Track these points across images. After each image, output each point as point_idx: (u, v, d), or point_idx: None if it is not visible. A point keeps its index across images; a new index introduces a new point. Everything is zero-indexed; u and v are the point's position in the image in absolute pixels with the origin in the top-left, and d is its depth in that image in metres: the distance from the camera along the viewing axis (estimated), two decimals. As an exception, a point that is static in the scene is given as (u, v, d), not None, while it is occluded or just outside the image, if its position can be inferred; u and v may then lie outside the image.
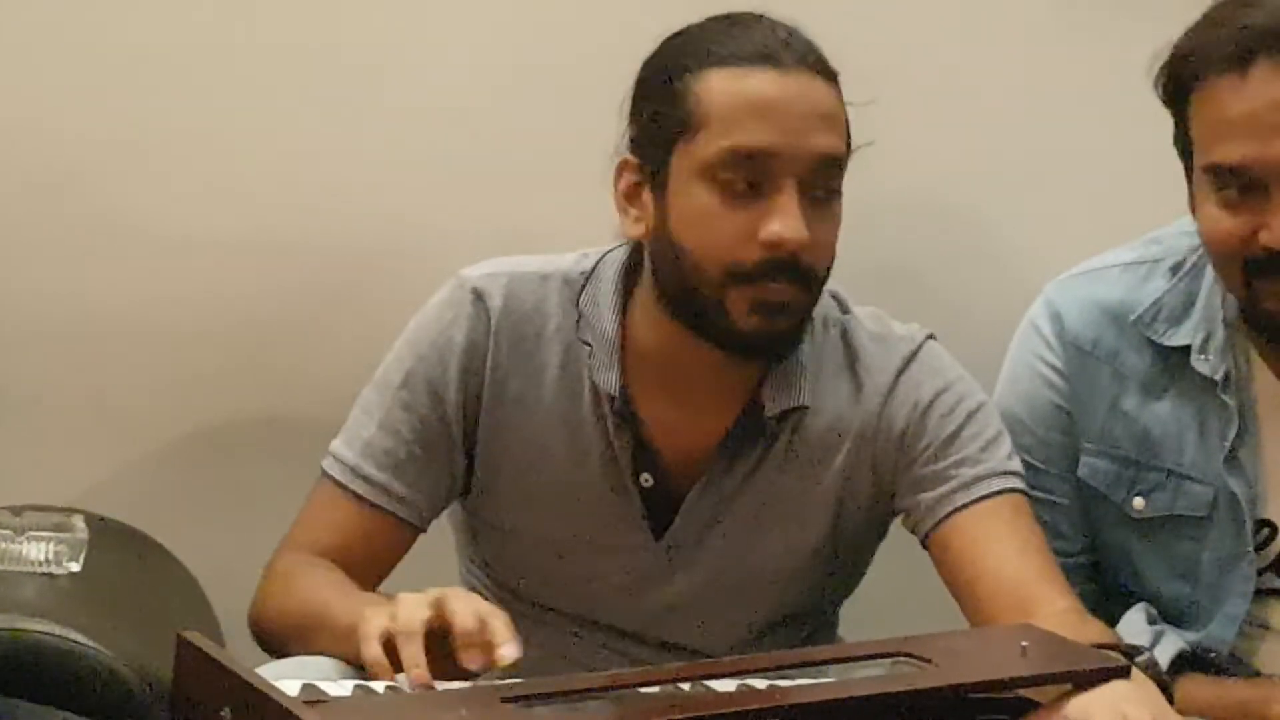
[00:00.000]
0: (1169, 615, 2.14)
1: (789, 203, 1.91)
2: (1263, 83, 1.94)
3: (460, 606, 1.73)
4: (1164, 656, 2.03)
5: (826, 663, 1.73)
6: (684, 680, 1.65)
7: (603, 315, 2.03)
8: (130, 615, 2.06)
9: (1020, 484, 2.04)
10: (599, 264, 2.07)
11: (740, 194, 1.92)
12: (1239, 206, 1.97)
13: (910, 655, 1.67)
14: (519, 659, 1.72)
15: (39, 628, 1.93)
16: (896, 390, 2.05)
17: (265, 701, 1.48)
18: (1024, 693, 1.66)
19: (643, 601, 2.08)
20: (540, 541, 2.08)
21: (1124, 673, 1.67)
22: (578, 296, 2.06)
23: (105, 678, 1.90)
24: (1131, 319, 2.14)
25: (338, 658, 1.83)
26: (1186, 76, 2.00)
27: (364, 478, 2.04)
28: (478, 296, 2.05)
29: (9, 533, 2.11)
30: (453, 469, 2.06)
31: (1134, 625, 2.12)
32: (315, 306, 2.49)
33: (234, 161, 2.45)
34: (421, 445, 2.04)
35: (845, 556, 2.12)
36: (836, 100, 1.97)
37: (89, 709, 1.88)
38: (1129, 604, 2.16)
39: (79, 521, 2.17)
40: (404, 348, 2.07)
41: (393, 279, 2.38)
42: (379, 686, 1.68)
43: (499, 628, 1.72)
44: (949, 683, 1.63)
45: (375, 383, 2.08)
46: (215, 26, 2.43)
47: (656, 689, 1.63)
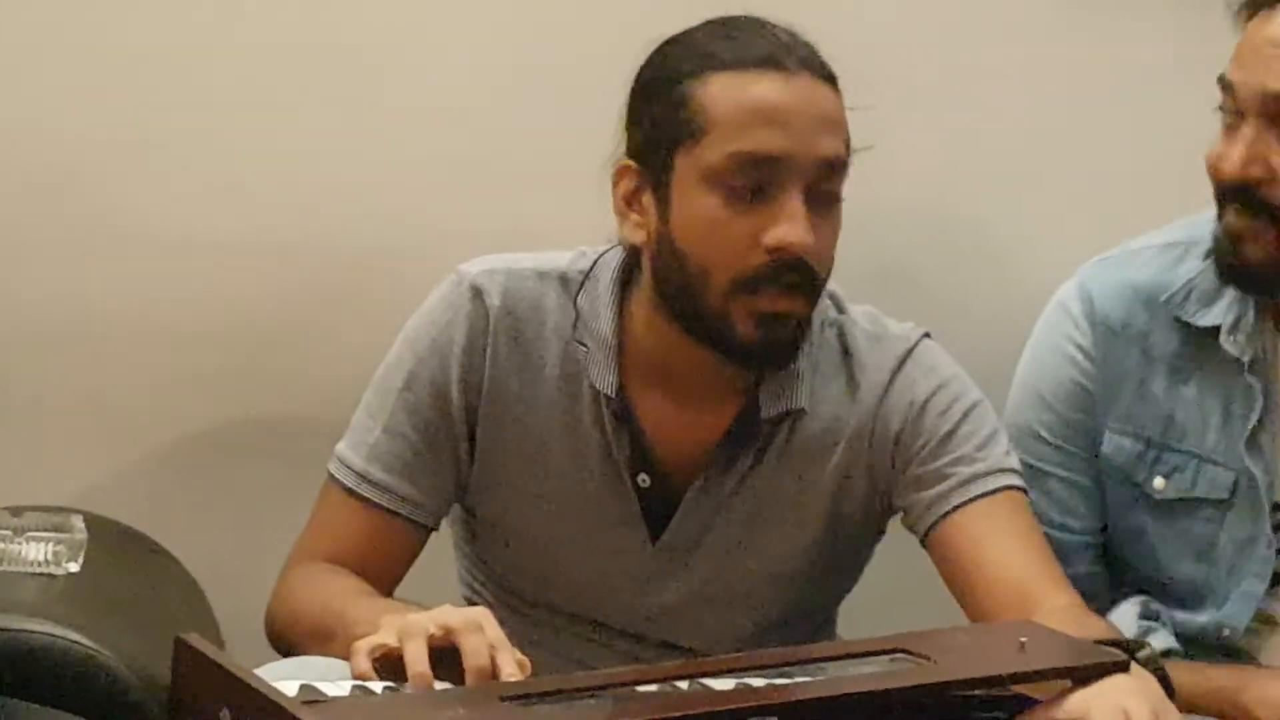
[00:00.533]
0: (1182, 597, 2.15)
1: (795, 208, 1.91)
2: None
3: (473, 642, 1.71)
4: None
5: (824, 660, 1.73)
6: (681, 679, 1.65)
7: (600, 316, 2.03)
8: (129, 616, 2.06)
9: (1018, 481, 2.03)
10: (596, 264, 2.07)
11: (745, 199, 1.92)
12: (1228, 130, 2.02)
13: (908, 652, 1.67)
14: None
15: (38, 628, 1.93)
16: (892, 389, 2.05)
17: (264, 702, 1.48)
18: (1023, 689, 1.65)
19: (640, 602, 2.08)
20: (537, 540, 2.08)
21: (1124, 668, 1.67)
22: (575, 296, 2.05)
23: (104, 678, 1.91)
24: (1163, 299, 2.15)
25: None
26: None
27: (372, 482, 2.03)
28: (476, 293, 2.05)
29: (8, 533, 2.11)
30: (458, 466, 2.06)
31: (1126, 617, 2.12)
32: (315, 307, 2.48)
33: (234, 162, 2.45)
34: (427, 445, 2.04)
35: (843, 556, 2.11)
36: (838, 104, 1.97)
37: (88, 709, 1.88)
38: (1138, 587, 2.17)
39: (78, 522, 2.17)
40: (404, 348, 2.07)
41: (393, 279, 2.38)
42: (377, 687, 1.68)
43: (506, 663, 1.71)
44: (947, 679, 1.63)
45: (377, 384, 2.08)
46: (215, 27, 2.42)
47: (654, 687, 1.63)
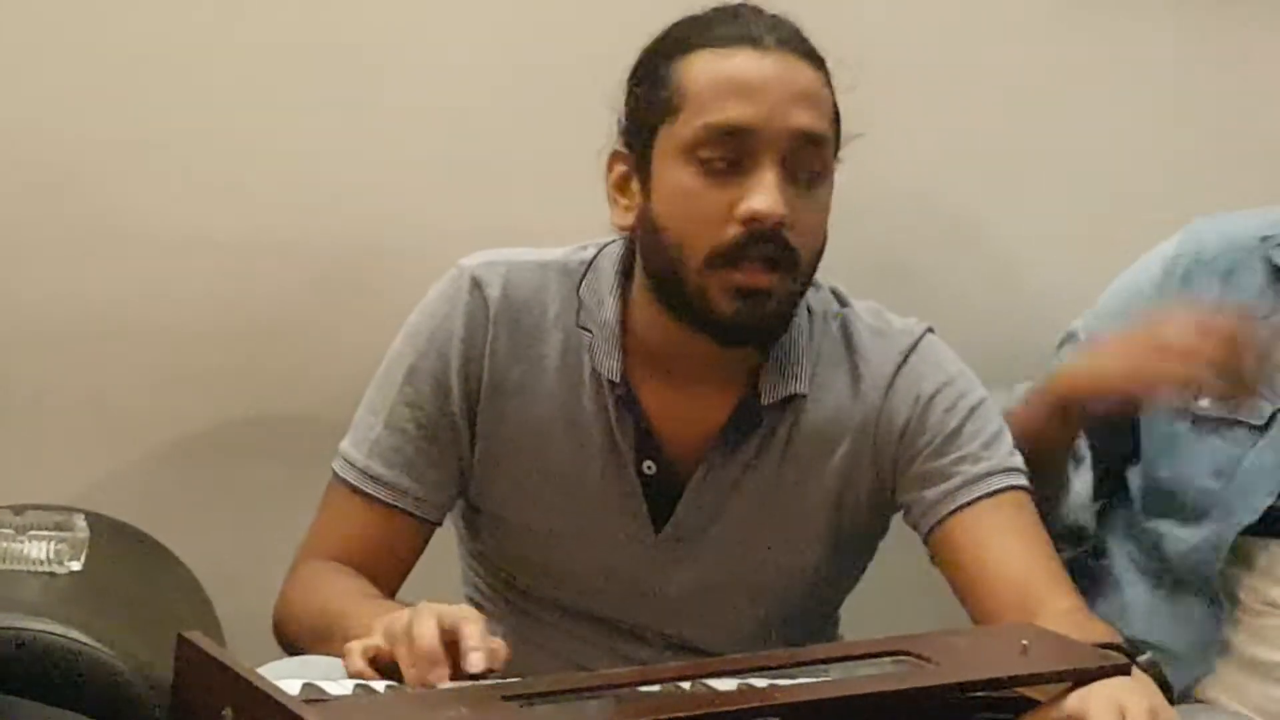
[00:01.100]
0: (1194, 508, 2.20)
1: (767, 178, 1.91)
2: None
3: (424, 628, 1.70)
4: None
5: (826, 661, 1.72)
6: (684, 679, 1.65)
7: (603, 303, 2.04)
8: (131, 614, 2.06)
9: (1022, 480, 2.04)
10: (598, 255, 2.08)
11: (720, 172, 1.93)
12: None
13: (910, 654, 1.67)
14: (498, 664, 1.70)
15: (40, 626, 1.93)
16: (897, 383, 2.06)
17: (266, 701, 1.47)
18: (1024, 691, 1.66)
19: (643, 594, 2.08)
20: (540, 532, 2.08)
21: (1124, 671, 1.67)
22: (578, 285, 2.06)
23: (106, 677, 1.91)
24: (1260, 237, 2.22)
25: None
26: None
27: (375, 478, 2.04)
28: (476, 285, 2.05)
29: (10, 532, 2.11)
30: (460, 459, 2.06)
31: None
32: (316, 306, 2.49)
33: (234, 161, 2.45)
34: (429, 440, 2.05)
35: (846, 551, 2.12)
36: (818, 81, 1.97)
37: (90, 708, 1.88)
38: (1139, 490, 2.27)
39: (80, 520, 2.16)
40: (404, 342, 2.07)
41: (393, 278, 2.38)
42: (379, 685, 1.68)
43: (470, 633, 1.70)
44: (949, 681, 1.63)
45: (378, 380, 2.08)
46: (215, 27, 2.43)
47: (656, 688, 1.63)
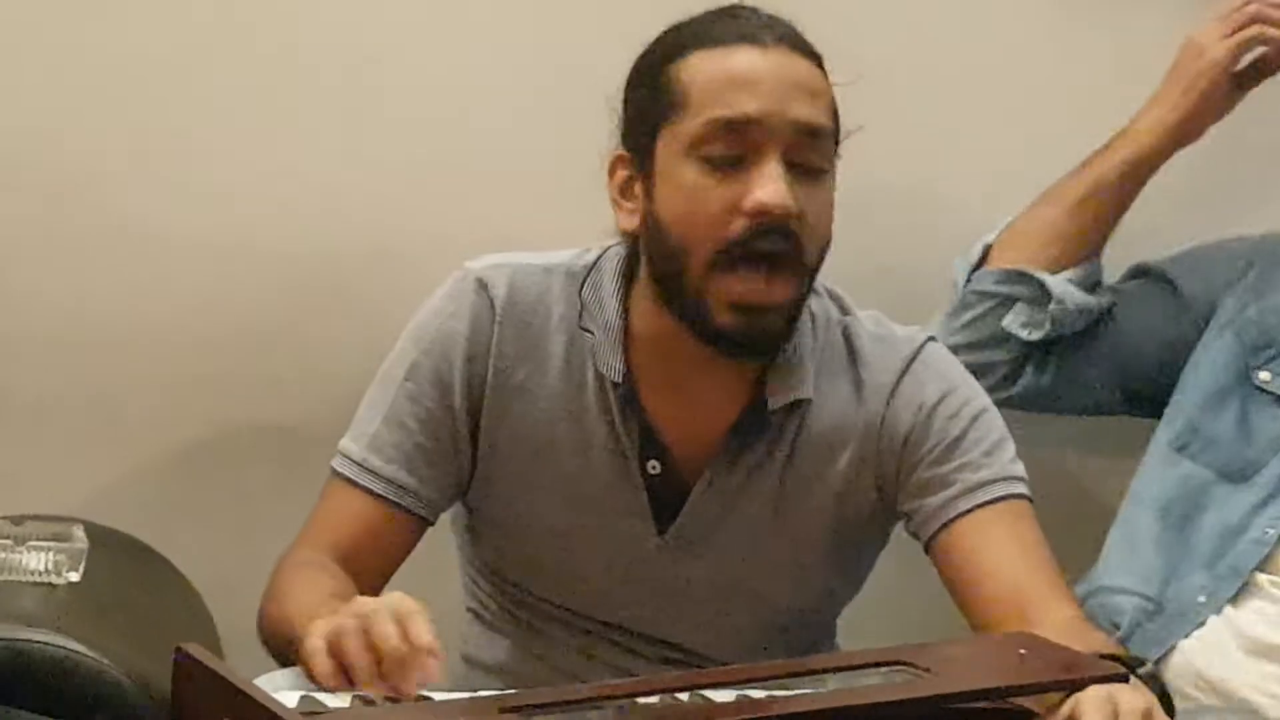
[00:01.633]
0: (1235, 473, 2.24)
1: (773, 170, 1.91)
2: None
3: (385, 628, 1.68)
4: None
5: (825, 672, 1.72)
6: (682, 690, 1.65)
7: (605, 304, 2.04)
8: (130, 625, 2.06)
9: (1024, 489, 2.03)
10: (601, 258, 2.08)
11: (723, 168, 1.93)
12: None
13: (908, 664, 1.67)
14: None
15: (38, 637, 1.92)
16: (900, 391, 2.05)
17: (264, 714, 1.48)
18: (1022, 702, 1.65)
19: (644, 597, 2.07)
20: (542, 534, 2.07)
21: (1123, 681, 1.67)
22: (580, 287, 2.06)
23: (104, 688, 1.90)
24: None
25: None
26: None
27: (371, 471, 2.03)
28: (481, 286, 2.05)
29: (9, 542, 2.11)
30: (459, 460, 2.06)
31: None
32: (316, 312, 2.49)
33: (237, 168, 2.45)
34: (428, 437, 2.04)
35: (847, 559, 2.12)
36: (818, 76, 1.97)
37: (88, 719, 1.88)
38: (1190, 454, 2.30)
39: (79, 531, 2.16)
40: (408, 340, 2.07)
41: (393, 285, 2.38)
42: (377, 698, 1.68)
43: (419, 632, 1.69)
44: (947, 691, 1.63)
45: (380, 378, 2.08)
46: (218, 34, 2.43)
47: (655, 699, 1.63)
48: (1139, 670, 1.70)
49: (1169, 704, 1.69)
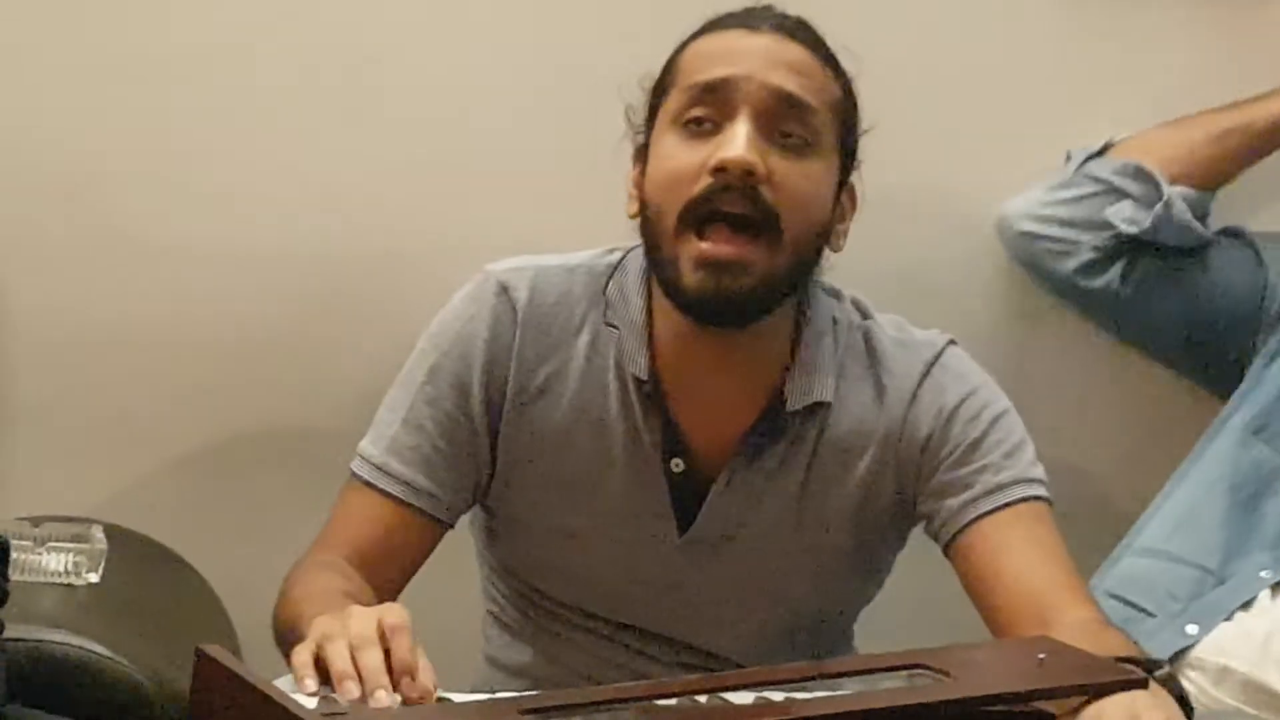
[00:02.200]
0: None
1: (738, 129, 1.92)
2: None
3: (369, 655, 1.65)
4: None
5: (843, 675, 1.72)
6: (700, 692, 1.64)
7: (631, 301, 2.04)
8: (148, 626, 2.07)
9: (1043, 491, 2.03)
10: (625, 257, 2.08)
11: (699, 133, 1.94)
12: None
13: (927, 667, 1.67)
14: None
15: (58, 638, 1.93)
16: (920, 395, 2.05)
17: (283, 714, 1.48)
18: (1041, 706, 1.65)
19: (664, 598, 2.07)
20: (562, 535, 2.07)
21: (1141, 685, 1.66)
22: (604, 286, 2.06)
23: (123, 689, 1.91)
24: None
25: None
26: None
27: (390, 474, 2.03)
28: (502, 289, 2.05)
29: (28, 544, 2.12)
30: (478, 463, 2.06)
31: None
32: (331, 317, 2.49)
33: (246, 172, 2.45)
34: (447, 440, 2.04)
35: (866, 562, 2.12)
36: (809, 60, 1.98)
37: (107, 720, 1.89)
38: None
39: (98, 533, 2.17)
40: (427, 343, 2.07)
41: (407, 290, 2.38)
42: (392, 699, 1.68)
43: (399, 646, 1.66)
44: (965, 695, 1.63)
45: (400, 380, 2.08)
46: (223, 37, 2.43)
47: (673, 701, 1.63)
48: (1157, 673, 1.69)
49: (1188, 707, 1.69)
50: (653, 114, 2.00)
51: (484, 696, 1.70)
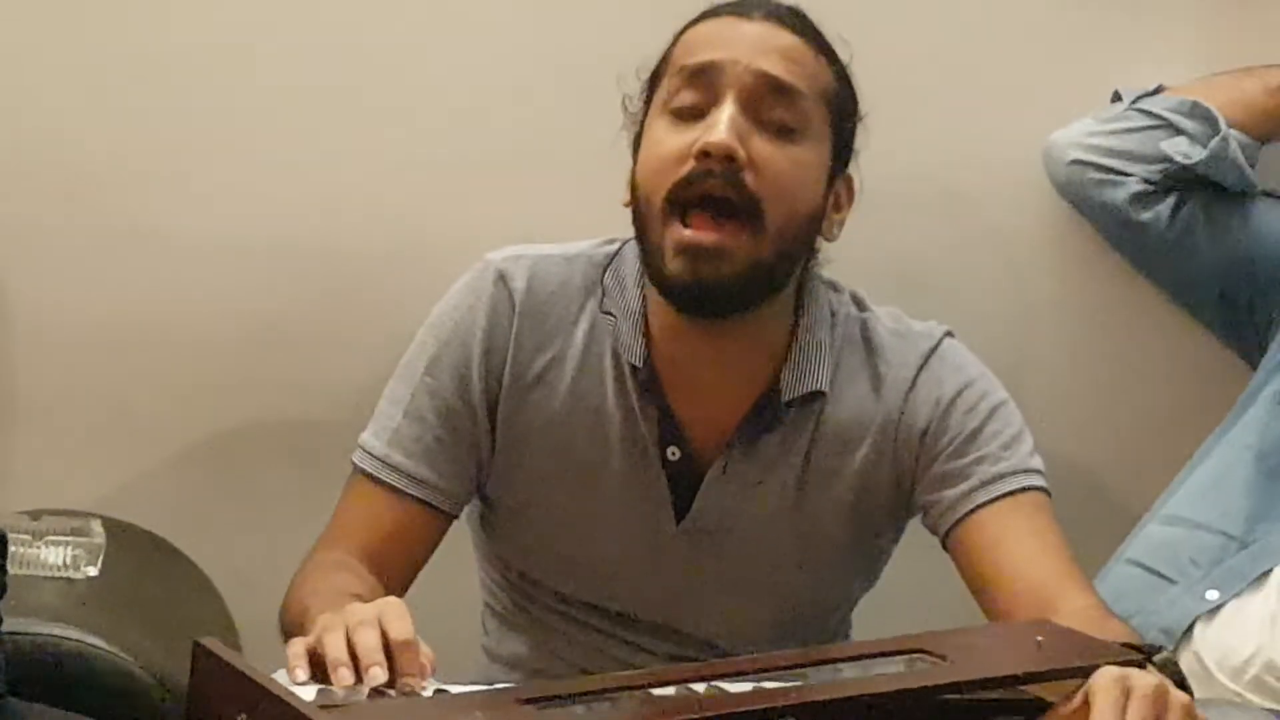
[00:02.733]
0: None
1: (723, 113, 1.93)
2: None
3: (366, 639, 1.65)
4: None
5: (841, 661, 1.72)
6: (698, 681, 1.64)
7: (627, 290, 2.04)
8: (147, 620, 2.07)
9: (1042, 482, 2.03)
10: (623, 247, 2.08)
11: (686, 119, 1.95)
12: None
13: (925, 652, 1.67)
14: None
15: (57, 632, 1.94)
16: (918, 386, 2.06)
17: (282, 707, 1.47)
18: (1040, 692, 1.65)
19: (661, 587, 2.07)
20: (558, 523, 2.07)
21: (1140, 668, 1.66)
22: (602, 275, 2.07)
23: (122, 682, 1.91)
24: None
25: None
26: None
27: (393, 467, 2.03)
28: (501, 278, 2.06)
29: (27, 537, 2.12)
30: (478, 452, 2.06)
31: None
32: (333, 311, 2.48)
33: (251, 168, 2.45)
34: (448, 431, 2.04)
35: (863, 553, 2.12)
36: (800, 47, 1.98)
37: (106, 713, 1.89)
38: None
39: (97, 526, 2.17)
40: (427, 334, 2.08)
41: (410, 284, 2.37)
42: (392, 692, 1.68)
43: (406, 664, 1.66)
44: (963, 679, 1.63)
45: (400, 372, 2.08)
46: (231, 33, 2.43)
47: (671, 690, 1.63)
48: (1155, 658, 1.69)
49: (1186, 690, 1.69)
50: (648, 104, 2.01)
51: (482, 687, 1.70)
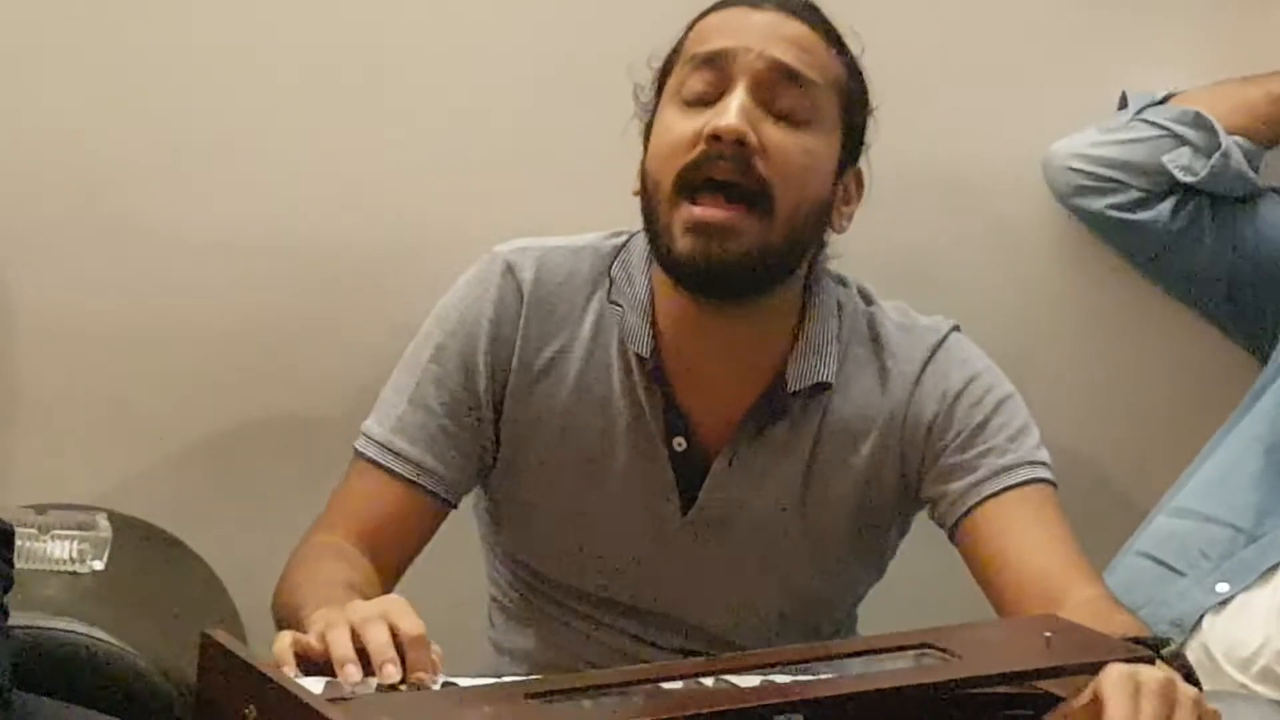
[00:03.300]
0: None
1: (733, 99, 1.93)
2: None
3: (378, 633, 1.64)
4: None
5: (850, 656, 1.72)
6: (706, 675, 1.64)
7: (635, 280, 2.04)
8: (153, 613, 2.07)
9: (1048, 474, 2.03)
10: (631, 239, 2.08)
11: (697, 105, 1.96)
12: None
13: (934, 647, 1.67)
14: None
15: (63, 625, 1.94)
16: (924, 379, 2.06)
17: (290, 699, 1.47)
18: (1049, 687, 1.65)
19: (667, 579, 2.07)
20: (565, 515, 2.07)
21: (1149, 663, 1.66)
22: (610, 266, 2.07)
23: (129, 675, 1.91)
24: None
25: None
26: None
27: (395, 453, 2.03)
28: (508, 269, 2.06)
29: (33, 531, 2.12)
30: (483, 443, 2.06)
31: None
32: (335, 308, 2.49)
33: (254, 165, 2.45)
34: (453, 419, 2.05)
35: (869, 546, 2.12)
36: (809, 36, 1.99)
37: (113, 707, 1.89)
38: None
39: (102, 520, 2.17)
40: (433, 323, 2.08)
41: (411, 281, 2.37)
42: (403, 687, 1.68)
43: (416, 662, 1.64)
44: (972, 674, 1.63)
45: (405, 361, 2.08)
46: (237, 33, 2.43)
47: (679, 684, 1.63)
48: (1163, 651, 1.69)
49: (1194, 683, 1.69)
50: (659, 94, 2.01)
51: (490, 681, 1.70)
